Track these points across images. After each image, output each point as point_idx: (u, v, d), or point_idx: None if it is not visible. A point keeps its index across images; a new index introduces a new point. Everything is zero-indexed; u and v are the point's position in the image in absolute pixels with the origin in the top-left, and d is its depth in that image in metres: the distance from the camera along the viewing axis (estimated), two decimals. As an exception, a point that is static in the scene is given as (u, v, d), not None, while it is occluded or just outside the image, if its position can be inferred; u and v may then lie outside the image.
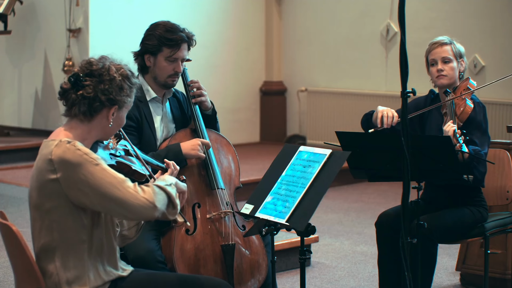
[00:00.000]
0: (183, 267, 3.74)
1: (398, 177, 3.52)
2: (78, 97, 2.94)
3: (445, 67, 4.28)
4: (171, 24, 3.99)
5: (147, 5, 8.81)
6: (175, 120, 4.10)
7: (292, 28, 9.77)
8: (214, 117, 4.18)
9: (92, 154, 2.89)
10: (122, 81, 2.98)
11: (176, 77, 4.00)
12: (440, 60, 4.29)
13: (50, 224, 2.91)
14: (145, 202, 2.89)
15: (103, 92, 2.94)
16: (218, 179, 3.94)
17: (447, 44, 4.32)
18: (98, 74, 2.96)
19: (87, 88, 2.94)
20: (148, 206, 2.89)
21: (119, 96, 2.97)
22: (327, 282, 5.23)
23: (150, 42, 3.95)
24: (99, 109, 2.96)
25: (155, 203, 2.90)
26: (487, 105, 7.97)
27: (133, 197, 2.88)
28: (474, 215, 4.24)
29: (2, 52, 9.36)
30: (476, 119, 4.21)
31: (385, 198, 7.64)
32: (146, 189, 2.92)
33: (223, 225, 3.87)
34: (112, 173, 2.89)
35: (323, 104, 9.48)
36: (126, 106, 3.04)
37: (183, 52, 3.97)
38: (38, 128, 9.03)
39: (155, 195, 2.92)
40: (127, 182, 2.90)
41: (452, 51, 4.30)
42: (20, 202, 6.97)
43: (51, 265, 2.93)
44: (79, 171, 2.85)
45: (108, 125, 3.00)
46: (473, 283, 5.00)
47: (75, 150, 2.86)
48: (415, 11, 8.48)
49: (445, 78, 4.29)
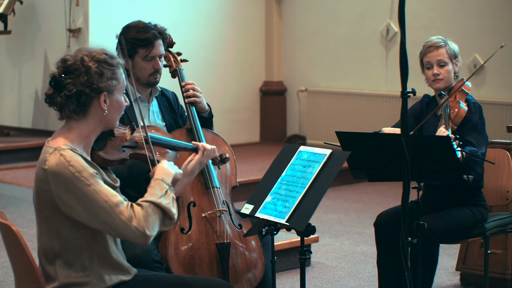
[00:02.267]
0: (177, 266, 3.74)
1: (398, 177, 3.52)
2: (63, 98, 2.89)
3: (441, 71, 4.30)
4: (142, 23, 4.00)
5: (147, 5, 8.81)
6: (164, 118, 4.10)
7: (292, 28, 9.77)
8: (210, 121, 4.18)
9: (85, 172, 2.82)
10: (100, 67, 2.90)
11: (157, 74, 4.01)
12: (436, 63, 4.30)
13: (49, 231, 2.90)
14: (136, 232, 2.83)
15: (84, 84, 2.88)
16: (213, 178, 3.94)
17: (442, 46, 4.32)
18: (74, 69, 2.90)
19: (68, 87, 2.88)
20: (138, 236, 2.84)
21: (101, 82, 2.90)
22: (327, 282, 5.23)
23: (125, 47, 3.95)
24: (88, 102, 2.90)
25: (145, 232, 2.84)
26: (487, 105, 8.03)
27: (124, 225, 2.83)
28: (474, 215, 4.25)
29: (2, 52, 9.35)
30: (472, 120, 4.22)
31: (385, 198, 7.64)
32: (138, 214, 2.85)
33: (218, 223, 3.87)
34: (104, 196, 2.82)
35: (323, 104, 9.48)
36: (118, 89, 2.96)
37: (158, 48, 3.98)
38: (38, 128, 9.03)
39: (147, 220, 2.85)
40: (119, 207, 2.83)
41: (447, 53, 4.31)
42: (20, 202, 6.97)
43: (52, 269, 2.92)
44: (69, 190, 2.81)
45: (104, 113, 2.93)
46: (473, 283, 5.00)
47: (67, 166, 2.81)
48: (415, 11, 8.48)
49: (441, 82, 4.30)
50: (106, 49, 2.98)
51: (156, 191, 2.93)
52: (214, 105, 4.37)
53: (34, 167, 7.97)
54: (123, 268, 3.01)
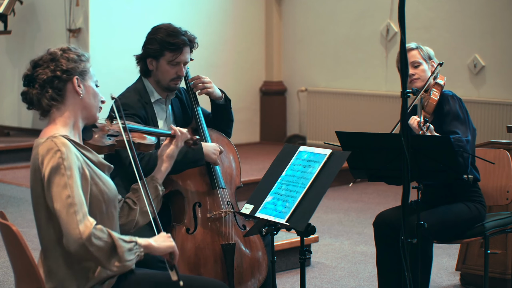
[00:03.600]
0: (183, 266, 3.75)
1: (398, 177, 3.52)
2: (38, 89, 2.97)
3: (416, 71, 4.36)
4: (173, 27, 3.98)
5: (147, 5, 8.81)
6: (176, 121, 4.10)
7: (292, 28, 9.77)
8: (229, 106, 4.18)
9: (68, 161, 2.85)
10: (64, 53, 3.01)
11: (178, 80, 4.00)
12: (410, 65, 4.35)
13: (47, 222, 2.92)
14: (76, 234, 2.77)
15: (54, 69, 2.97)
16: (219, 178, 3.95)
17: (414, 49, 4.40)
18: (42, 62, 3.01)
19: (39, 76, 2.97)
20: (76, 239, 2.77)
21: (70, 65, 2.98)
22: (327, 282, 5.23)
23: (152, 47, 3.94)
24: (62, 86, 2.97)
25: (85, 241, 2.76)
26: (487, 105, 8.04)
27: (71, 225, 2.78)
28: (470, 211, 4.24)
29: (2, 52, 9.35)
30: (452, 110, 4.26)
31: (385, 198, 7.64)
32: (89, 225, 2.79)
33: (224, 224, 3.87)
34: (71, 191, 2.82)
35: (323, 104, 9.48)
36: (89, 76, 3.04)
37: (185, 55, 3.97)
38: (38, 128, 9.02)
39: (96, 237, 2.79)
40: (79, 209, 2.80)
41: (419, 54, 4.40)
42: (20, 202, 6.97)
43: (54, 263, 2.93)
44: (48, 174, 2.85)
45: (79, 97, 2.99)
46: (473, 283, 5.00)
47: (55, 151, 2.86)
48: (415, 11, 8.48)
49: (418, 81, 4.36)
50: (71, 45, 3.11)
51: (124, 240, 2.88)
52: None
53: (34, 167, 8.01)
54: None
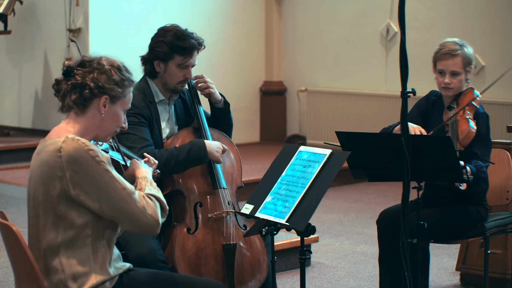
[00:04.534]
0: (184, 266, 3.75)
1: (398, 177, 3.52)
2: (69, 86, 2.98)
3: (453, 80, 4.24)
4: (181, 30, 3.96)
5: (147, 5, 8.81)
6: (178, 122, 4.10)
7: (292, 28, 9.77)
8: (228, 110, 4.18)
9: (103, 157, 2.90)
10: (112, 70, 2.99)
11: (185, 83, 4.01)
12: (449, 73, 4.24)
13: (55, 220, 2.91)
14: (151, 219, 2.94)
15: (92, 79, 2.96)
16: (220, 178, 3.95)
17: (458, 55, 4.24)
18: (88, 64, 3.00)
19: (76, 77, 2.98)
20: (153, 224, 2.95)
21: (108, 84, 2.97)
22: (327, 282, 5.23)
23: (161, 49, 3.93)
24: (89, 98, 2.96)
25: (159, 220, 2.96)
26: (487, 105, 8.01)
27: (141, 213, 2.92)
28: (471, 213, 4.24)
29: (2, 52, 9.35)
30: (480, 132, 4.17)
31: (385, 198, 7.64)
32: (150, 204, 2.95)
33: (225, 224, 3.87)
34: (122, 183, 2.90)
35: (323, 104, 9.48)
36: (121, 102, 3.02)
37: (194, 59, 3.98)
38: (38, 128, 9.03)
39: (156, 210, 2.96)
40: (135, 195, 2.93)
41: (462, 62, 4.24)
42: (20, 202, 6.97)
43: (56, 261, 2.93)
44: (88, 174, 2.86)
45: (100, 116, 2.98)
46: (473, 283, 5.00)
47: (87, 150, 2.87)
48: (415, 11, 8.48)
49: (451, 91, 4.26)
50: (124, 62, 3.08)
51: (150, 187, 3.04)
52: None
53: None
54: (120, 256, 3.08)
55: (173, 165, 3.80)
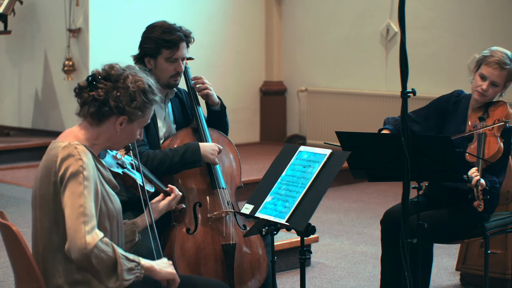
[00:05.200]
0: (184, 266, 3.75)
1: (398, 177, 3.52)
2: (90, 97, 2.93)
3: (490, 89, 4.24)
4: (167, 24, 3.98)
5: (147, 5, 8.81)
6: (176, 121, 4.10)
7: (292, 28, 9.77)
8: (224, 113, 4.19)
9: (87, 172, 2.83)
10: (136, 93, 2.93)
11: (178, 76, 4.00)
12: (490, 81, 4.23)
13: (51, 225, 2.90)
14: (82, 244, 2.74)
15: (114, 98, 2.91)
16: (219, 178, 3.95)
17: (506, 69, 4.21)
18: (114, 80, 2.93)
19: (99, 91, 2.92)
20: (81, 247, 2.74)
21: (128, 106, 2.92)
22: (327, 282, 5.23)
23: (148, 45, 3.95)
24: (107, 115, 2.93)
25: (88, 251, 2.73)
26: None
27: (78, 233, 2.75)
28: (472, 214, 4.24)
29: (2, 52, 9.35)
30: (504, 150, 4.16)
31: (385, 198, 7.64)
32: (96, 237, 2.76)
33: (224, 224, 3.87)
34: (83, 202, 2.79)
35: (323, 104, 9.48)
36: (139, 122, 2.98)
37: (182, 51, 3.97)
38: (38, 128, 9.02)
39: (100, 249, 2.76)
40: (89, 219, 2.77)
41: (506, 76, 4.23)
42: (20, 202, 6.97)
43: (54, 266, 2.92)
44: (68, 180, 2.83)
45: (115, 133, 2.96)
46: (473, 283, 5.00)
47: (78, 159, 2.84)
48: (415, 11, 8.48)
49: (484, 98, 4.26)
50: (153, 82, 3.01)
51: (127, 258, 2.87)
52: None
53: (34, 167, 8.01)
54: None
55: (167, 167, 3.81)
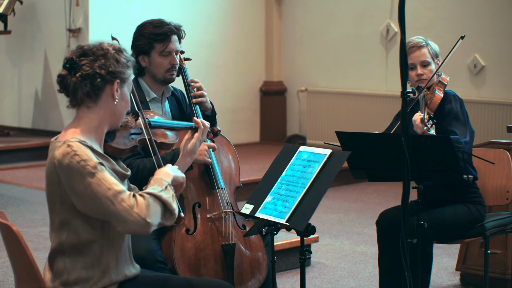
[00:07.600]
0: (183, 267, 3.75)
1: (398, 177, 3.52)
2: (78, 79, 2.90)
3: (424, 71, 4.30)
4: (157, 20, 4.02)
5: (147, 5, 8.82)
6: (174, 119, 4.10)
7: (292, 28, 9.77)
8: (214, 118, 4.18)
9: (90, 161, 2.83)
10: (116, 54, 2.95)
11: (173, 70, 4.01)
12: (419, 64, 4.30)
13: (61, 225, 2.91)
14: (137, 218, 2.80)
15: (101, 66, 2.90)
16: (218, 179, 3.94)
17: (424, 46, 4.32)
18: (92, 52, 2.93)
19: (84, 67, 2.90)
20: (140, 223, 2.81)
21: (117, 68, 2.93)
22: (327, 282, 5.23)
23: (141, 42, 3.98)
24: (101, 86, 2.91)
25: (146, 219, 2.81)
26: (487, 105, 8.04)
27: (126, 212, 2.81)
28: (471, 212, 4.24)
29: (2, 52, 9.36)
30: (453, 111, 4.22)
31: (385, 198, 7.65)
32: (140, 202, 2.83)
33: (224, 225, 3.87)
34: (107, 184, 2.82)
35: (323, 104, 9.48)
36: (128, 83, 2.99)
37: (174, 44, 3.99)
38: (38, 128, 9.03)
39: (148, 209, 2.83)
40: (122, 195, 2.82)
41: (429, 52, 4.32)
42: (20, 202, 6.98)
43: (60, 265, 2.93)
44: (75, 180, 2.82)
45: (114, 103, 2.94)
46: (473, 283, 5.00)
47: (73, 155, 2.82)
48: (415, 11, 8.49)
49: (425, 82, 4.29)
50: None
51: (156, 186, 2.93)
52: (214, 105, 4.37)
53: (34, 167, 8.02)
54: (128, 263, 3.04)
55: None
